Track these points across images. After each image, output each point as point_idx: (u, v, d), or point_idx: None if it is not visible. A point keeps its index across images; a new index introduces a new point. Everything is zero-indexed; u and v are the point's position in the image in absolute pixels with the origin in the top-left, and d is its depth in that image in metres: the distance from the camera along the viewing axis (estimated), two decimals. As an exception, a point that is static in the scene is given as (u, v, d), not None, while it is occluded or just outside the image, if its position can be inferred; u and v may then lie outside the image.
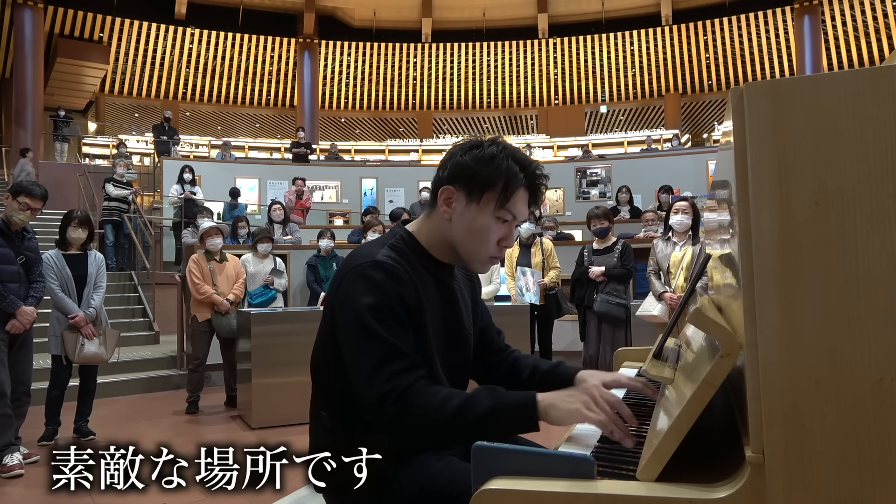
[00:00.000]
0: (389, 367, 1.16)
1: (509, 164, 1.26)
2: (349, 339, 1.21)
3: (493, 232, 1.28)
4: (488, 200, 1.26)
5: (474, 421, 1.12)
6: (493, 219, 1.27)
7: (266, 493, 1.38)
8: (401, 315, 1.20)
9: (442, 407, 1.14)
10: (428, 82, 19.41)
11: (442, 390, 1.17)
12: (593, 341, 5.00)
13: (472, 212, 1.27)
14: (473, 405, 1.13)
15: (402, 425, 1.15)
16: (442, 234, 1.32)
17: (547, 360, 1.48)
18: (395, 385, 1.15)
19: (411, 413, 1.14)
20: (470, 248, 1.30)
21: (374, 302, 1.19)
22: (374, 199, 11.64)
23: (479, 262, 1.32)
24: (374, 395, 1.16)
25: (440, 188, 1.30)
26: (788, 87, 0.88)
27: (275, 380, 4.62)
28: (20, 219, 3.74)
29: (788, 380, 0.86)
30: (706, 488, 0.88)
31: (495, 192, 1.25)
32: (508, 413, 1.13)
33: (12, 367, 3.72)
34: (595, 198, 11.13)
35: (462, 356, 1.40)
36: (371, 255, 1.25)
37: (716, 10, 17.33)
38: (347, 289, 1.23)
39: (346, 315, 1.22)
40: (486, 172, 1.25)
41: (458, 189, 1.28)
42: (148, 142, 15.72)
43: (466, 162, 1.27)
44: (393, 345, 1.17)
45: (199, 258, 5.36)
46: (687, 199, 4.81)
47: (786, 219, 0.87)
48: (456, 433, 1.15)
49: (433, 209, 1.33)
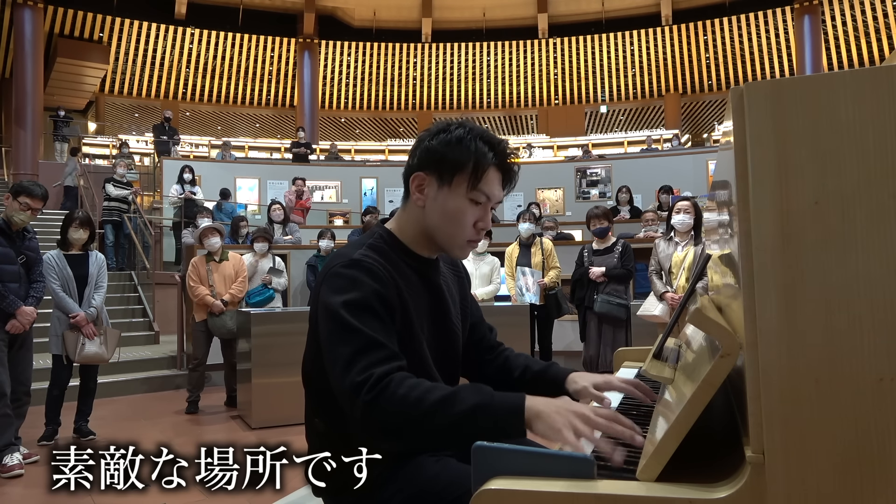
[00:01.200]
0: (365, 357, 1.12)
1: (478, 145, 1.25)
2: (325, 337, 1.19)
3: (468, 214, 1.26)
4: (459, 183, 1.25)
5: (454, 418, 1.05)
6: (467, 201, 1.26)
7: (266, 493, 1.38)
8: (377, 309, 1.17)
9: (421, 400, 1.07)
10: (428, 82, 19.41)
11: (423, 383, 1.10)
12: (593, 342, 5.00)
13: (445, 195, 1.26)
14: (455, 401, 1.07)
15: (375, 417, 1.08)
16: (419, 224, 1.30)
17: (539, 361, 1.46)
18: (369, 375, 1.09)
19: (387, 404, 1.07)
20: (446, 233, 1.28)
21: (348, 298, 1.17)
22: (374, 199, 11.64)
23: (458, 246, 1.30)
24: (347, 386, 1.11)
25: (411, 175, 1.29)
26: (788, 87, 0.88)
27: (275, 380, 4.62)
28: (21, 219, 3.75)
29: (788, 380, 0.86)
30: (706, 488, 0.88)
31: (465, 173, 1.24)
32: (493, 415, 1.05)
33: (12, 367, 3.72)
34: (595, 198, 11.13)
35: (452, 353, 1.38)
36: (348, 255, 1.24)
37: (716, 10, 17.31)
38: (324, 290, 1.21)
39: (323, 314, 1.20)
40: (454, 155, 1.24)
41: (429, 174, 1.27)
42: (148, 142, 15.72)
43: (434, 146, 1.26)
44: (369, 336, 1.13)
45: (199, 260, 5.36)
46: (689, 199, 4.81)
47: (786, 219, 0.87)
48: (433, 430, 1.07)
49: (407, 200, 1.32)
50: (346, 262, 1.21)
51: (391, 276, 1.22)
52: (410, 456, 1.25)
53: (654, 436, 0.99)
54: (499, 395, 1.09)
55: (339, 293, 1.18)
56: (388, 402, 1.07)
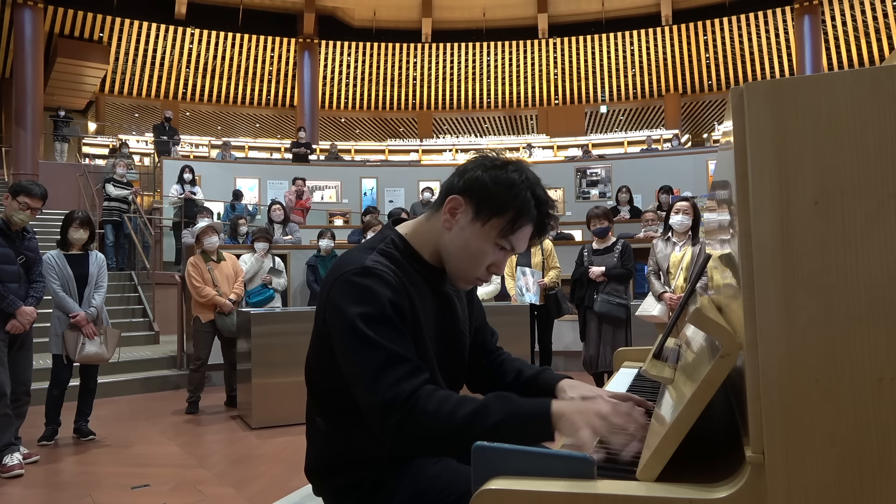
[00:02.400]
0: (391, 373, 1.12)
1: (526, 197, 1.22)
2: (345, 351, 1.17)
3: (489, 257, 1.25)
4: (493, 226, 1.22)
5: (486, 430, 1.07)
6: (493, 245, 1.24)
7: (266, 493, 1.38)
8: (394, 320, 1.16)
9: (452, 414, 1.09)
10: (428, 82, 19.40)
11: (451, 396, 1.12)
12: (593, 341, 4.99)
13: (474, 231, 1.23)
14: (485, 413, 1.09)
15: (408, 433, 1.10)
16: (437, 241, 1.29)
17: (532, 366, 1.46)
18: (398, 392, 1.10)
19: (419, 421, 1.09)
20: (459, 266, 1.27)
21: (365, 310, 1.15)
22: (374, 199, 11.65)
23: (464, 280, 1.29)
24: (377, 403, 1.11)
25: (450, 195, 1.25)
26: (788, 87, 0.88)
27: (275, 380, 4.62)
28: (20, 218, 3.75)
29: (788, 379, 0.86)
30: (706, 488, 0.88)
31: (503, 219, 1.22)
32: (522, 423, 1.08)
33: (12, 368, 3.72)
34: (595, 198, 11.13)
35: (459, 360, 1.39)
36: (359, 260, 1.21)
37: (716, 10, 17.31)
38: (337, 297, 1.19)
39: (339, 325, 1.18)
40: (500, 198, 1.21)
41: (468, 203, 1.23)
42: (148, 142, 15.72)
43: (485, 179, 1.22)
44: (392, 350, 1.13)
45: (197, 260, 5.35)
46: (688, 200, 4.81)
47: (786, 219, 0.87)
48: (466, 443, 1.05)
49: (436, 213, 1.29)
50: (358, 270, 1.19)
51: (402, 285, 1.21)
52: (411, 456, 1.25)
53: (654, 436, 0.99)
54: (526, 403, 1.12)
55: (355, 304, 1.16)
56: (421, 419, 1.09)
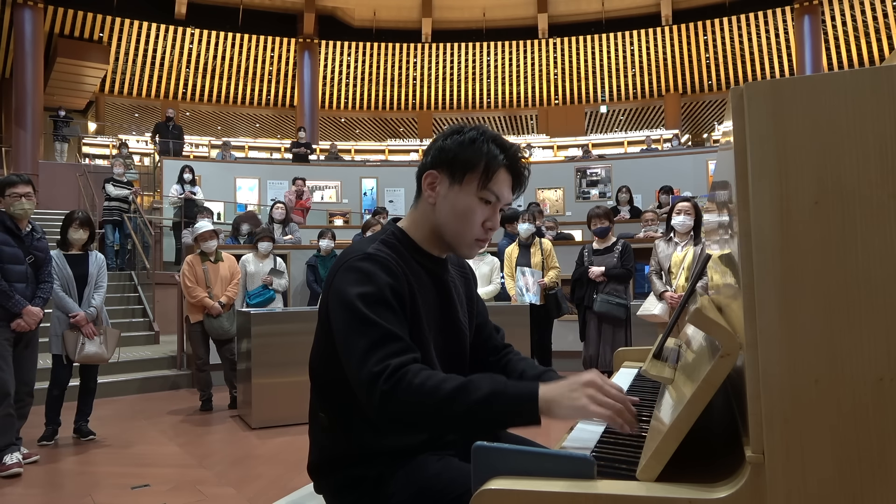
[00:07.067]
0: (382, 349, 1.15)
1: (490, 147, 1.29)
2: (341, 330, 1.21)
3: (477, 213, 1.30)
4: (470, 181, 1.29)
5: (471, 405, 1.09)
6: (477, 199, 1.29)
7: (266, 493, 1.38)
8: (392, 303, 1.20)
9: (437, 388, 1.10)
10: (428, 82, 19.40)
11: (438, 373, 1.14)
12: (593, 341, 5.00)
13: (455, 193, 1.30)
14: (471, 389, 1.10)
15: (393, 406, 1.11)
16: (429, 222, 1.34)
17: (538, 366, 1.47)
18: (387, 365, 1.12)
19: (404, 393, 1.11)
20: (455, 231, 1.31)
21: (364, 290, 1.20)
22: (373, 199, 11.65)
23: (466, 245, 1.33)
24: (365, 376, 1.13)
25: (424, 173, 1.33)
26: (788, 87, 0.88)
27: (274, 380, 4.62)
28: (23, 209, 3.73)
29: (788, 380, 0.86)
30: (706, 488, 0.88)
31: (476, 173, 1.29)
32: (508, 402, 1.09)
33: (17, 367, 3.71)
34: (595, 198, 11.13)
35: (458, 350, 1.40)
36: (362, 249, 1.27)
37: (716, 10, 17.31)
38: (339, 282, 1.24)
39: (338, 307, 1.23)
40: (466, 154, 1.29)
41: (441, 172, 1.31)
42: (148, 142, 15.71)
43: (448, 146, 1.31)
44: (385, 328, 1.16)
45: (194, 260, 5.34)
46: (689, 200, 4.81)
47: (786, 219, 0.87)
48: (450, 417, 1.10)
49: (419, 197, 1.36)
50: (360, 256, 1.25)
51: (403, 272, 1.26)
52: (412, 454, 1.25)
53: (654, 436, 0.99)
54: (512, 383, 1.13)
55: (355, 285, 1.21)
56: (406, 391, 1.11)
